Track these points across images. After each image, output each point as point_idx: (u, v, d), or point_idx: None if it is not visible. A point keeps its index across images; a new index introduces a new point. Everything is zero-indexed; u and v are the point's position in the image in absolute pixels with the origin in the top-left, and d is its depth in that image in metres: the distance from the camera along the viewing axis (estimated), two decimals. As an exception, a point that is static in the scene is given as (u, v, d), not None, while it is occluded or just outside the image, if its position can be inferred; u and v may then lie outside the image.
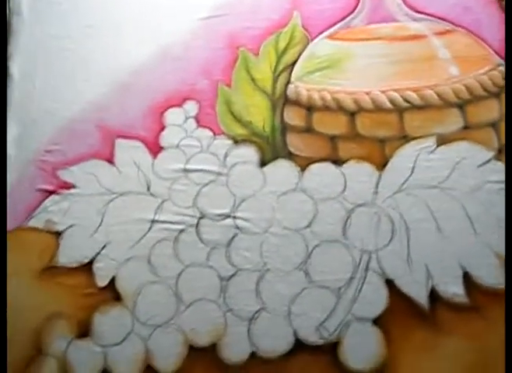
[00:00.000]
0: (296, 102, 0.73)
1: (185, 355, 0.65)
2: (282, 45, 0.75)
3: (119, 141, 0.73)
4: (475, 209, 0.67)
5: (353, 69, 0.73)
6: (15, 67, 0.77)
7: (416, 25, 0.75)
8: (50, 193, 0.72)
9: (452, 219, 0.67)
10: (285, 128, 0.73)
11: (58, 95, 0.76)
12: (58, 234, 0.70)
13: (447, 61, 0.73)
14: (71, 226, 0.70)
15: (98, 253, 0.69)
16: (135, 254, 0.68)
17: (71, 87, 0.76)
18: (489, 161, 0.68)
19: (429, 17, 0.75)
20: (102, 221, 0.70)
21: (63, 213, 0.71)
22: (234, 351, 0.64)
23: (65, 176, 0.73)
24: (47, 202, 0.72)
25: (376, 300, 0.65)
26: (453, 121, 0.71)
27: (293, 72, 0.75)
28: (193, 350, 0.65)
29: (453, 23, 0.75)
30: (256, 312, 0.65)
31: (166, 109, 0.74)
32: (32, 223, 0.71)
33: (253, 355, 0.64)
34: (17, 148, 0.74)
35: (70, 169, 0.73)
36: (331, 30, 0.76)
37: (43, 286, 0.69)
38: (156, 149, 0.73)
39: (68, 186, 0.72)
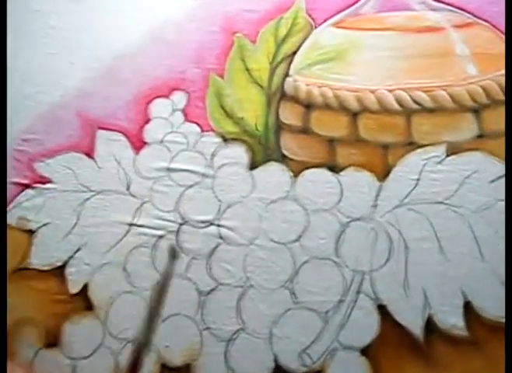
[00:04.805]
0: (294, 98, 0.61)
1: (157, 375, 0.56)
2: (282, 32, 0.63)
3: (100, 133, 0.63)
4: (484, 230, 0.55)
5: (359, 63, 0.61)
6: (-6, 46, 0.66)
7: (434, 15, 0.62)
8: (25, 186, 0.62)
9: (457, 240, 0.56)
10: (279, 127, 0.61)
11: (40, 78, 0.65)
12: (31, 232, 0.61)
13: (464, 58, 0.60)
14: (45, 225, 0.61)
15: (71, 257, 0.59)
16: (109, 260, 0.59)
17: (54, 70, 0.65)
18: (503, 176, 0.56)
19: (448, 6, 0.62)
20: (77, 221, 0.60)
21: (37, 210, 0.61)
22: (209, 374, 0.55)
23: (42, 169, 0.62)
24: (21, 197, 0.62)
25: (367, 327, 0.55)
26: (466, 128, 0.58)
27: (293, 64, 0.62)
28: (166, 370, 0.56)
29: (474, 15, 0.62)
30: (235, 333, 0.56)
31: (152, 100, 0.63)
32: (4, 219, 0.62)
33: (229, 379, 0.55)
34: (-7, 136, 0.64)
35: (47, 161, 0.63)
36: (338, 17, 0.63)
37: (13, 288, 0.59)
38: (138, 144, 0.62)
39: (44, 180, 0.62)
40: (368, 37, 0.62)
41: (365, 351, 0.54)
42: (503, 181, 0.56)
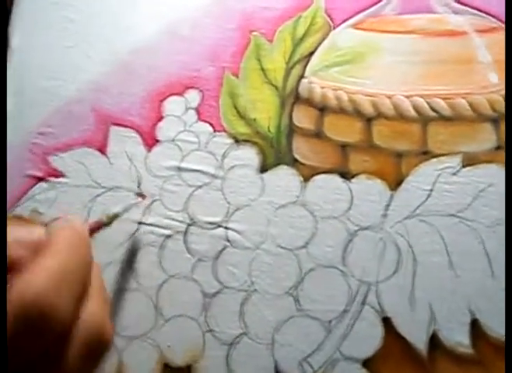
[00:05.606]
0: (308, 101, 0.60)
1: (159, 373, 0.56)
2: (300, 32, 0.61)
3: (114, 129, 0.62)
4: (496, 247, 0.53)
5: (377, 67, 0.59)
6: (15, 40, 0.66)
7: (456, 18, 0.59)
8: (39, 179, 0.62)
9: (468, 255, 0.54)
10: (292, 130, 0.59)
11: (56, 71, 0.64)
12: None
13: (486, 65, 0.57)
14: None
15: (80, 252, 0.59)
16: (117, 257, 0.58)
17: (72, 63, 0.64)
18: (520, 190, 0.54)
19: (472, 10, 0.59)
20: (88, 216, 0.60)
21: (49, 203, 0.61)
22: (210, 376, 0.55)
23: (56, 162, 0.62)
24: (35, 189, 0.62)
25: (369, 339, 0.53)
26: (484, 139, 0.56)
27: (309, 65, 0.60)
28: (168, 369, 0.56)
29: (499, 19, 0.58)
30: (237, 337, 0.55)
31: (165, 97, 0.62)
32: (17, 212, 0.61)
33: (229, 383, 0.55)
34: (11, 129, 0.63)
35: (61, 155, 0.62)
36: (358, 18, 0.61)
37: (23, 281, 0.60)
38: (151, 141, 0.61)
39: (58, 174, 0.62)
40: (387, 40, 0.59)
41: (366, 363, 0.53)
42: (519, 195, 0.54)
